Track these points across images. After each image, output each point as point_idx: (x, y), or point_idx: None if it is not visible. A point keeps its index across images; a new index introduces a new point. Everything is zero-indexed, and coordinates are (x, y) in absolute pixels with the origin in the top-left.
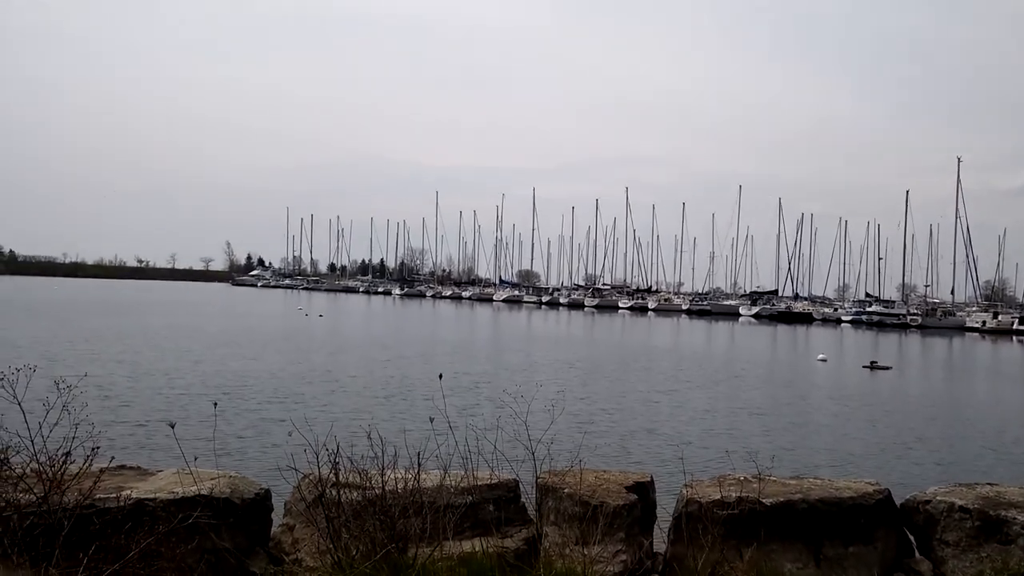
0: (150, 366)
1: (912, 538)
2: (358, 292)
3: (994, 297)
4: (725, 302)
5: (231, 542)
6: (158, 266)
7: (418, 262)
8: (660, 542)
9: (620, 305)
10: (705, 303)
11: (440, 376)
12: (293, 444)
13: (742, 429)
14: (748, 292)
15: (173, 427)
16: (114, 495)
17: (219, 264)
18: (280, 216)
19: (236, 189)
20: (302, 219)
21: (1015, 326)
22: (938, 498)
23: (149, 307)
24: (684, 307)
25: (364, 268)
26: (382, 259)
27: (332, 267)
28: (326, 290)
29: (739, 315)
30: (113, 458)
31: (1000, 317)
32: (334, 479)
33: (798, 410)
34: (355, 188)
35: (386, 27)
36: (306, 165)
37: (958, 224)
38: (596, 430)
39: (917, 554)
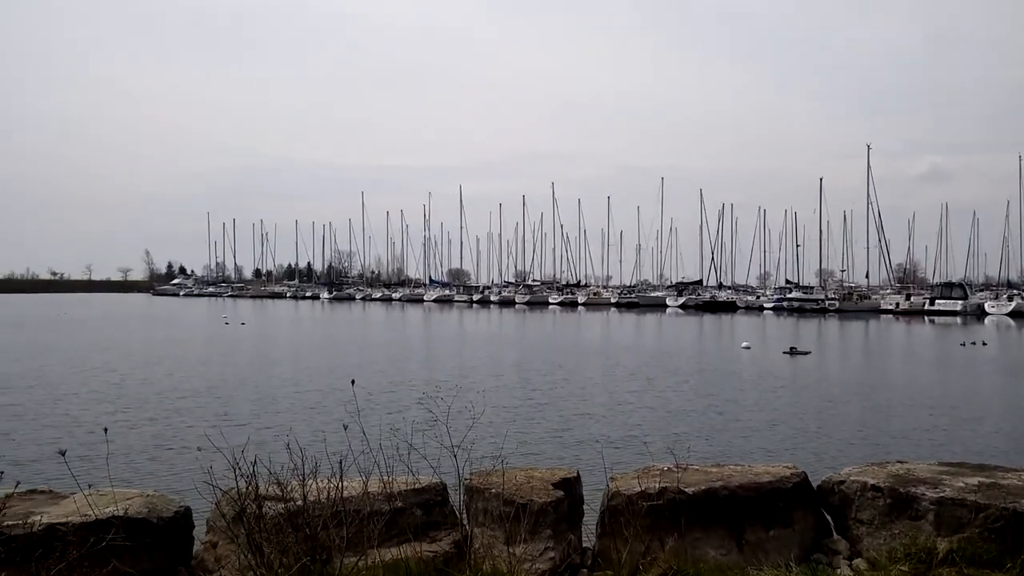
0: (62, 384)
1: (829, 519)
2: (285, 297)
3: (906, 279)
4: (652, 294)
5: (151, 563)
6: (73, 278)
7: (346, 264)
8: (590, 537)
9: (550, 301)
10: (633, 295)
11: (353, 382)
12: (213, 460)
13: (669, 420)
14: (674, 283)
15: (63, 454)
16: (21, 521)
17: (139, 274)
18: (200, 223)
19: (151, 196)
20: (224, 224)
21: (926, 307)
22: (852, 478)
23: (67, 321)
24: (613, 300)
25: (291, 272)
26: (309, 262)
27: (257, 272)
28: (252, 296)
29: (666, 306)
30: (19, 483)
31: (912, 298)
32: (255, 493)
33: (723, 399)
34: (277, 191)
35: (298, 26)
36: (224, 168)
37: (870, 209)
38: (525, 429)
39: (835, 534)
